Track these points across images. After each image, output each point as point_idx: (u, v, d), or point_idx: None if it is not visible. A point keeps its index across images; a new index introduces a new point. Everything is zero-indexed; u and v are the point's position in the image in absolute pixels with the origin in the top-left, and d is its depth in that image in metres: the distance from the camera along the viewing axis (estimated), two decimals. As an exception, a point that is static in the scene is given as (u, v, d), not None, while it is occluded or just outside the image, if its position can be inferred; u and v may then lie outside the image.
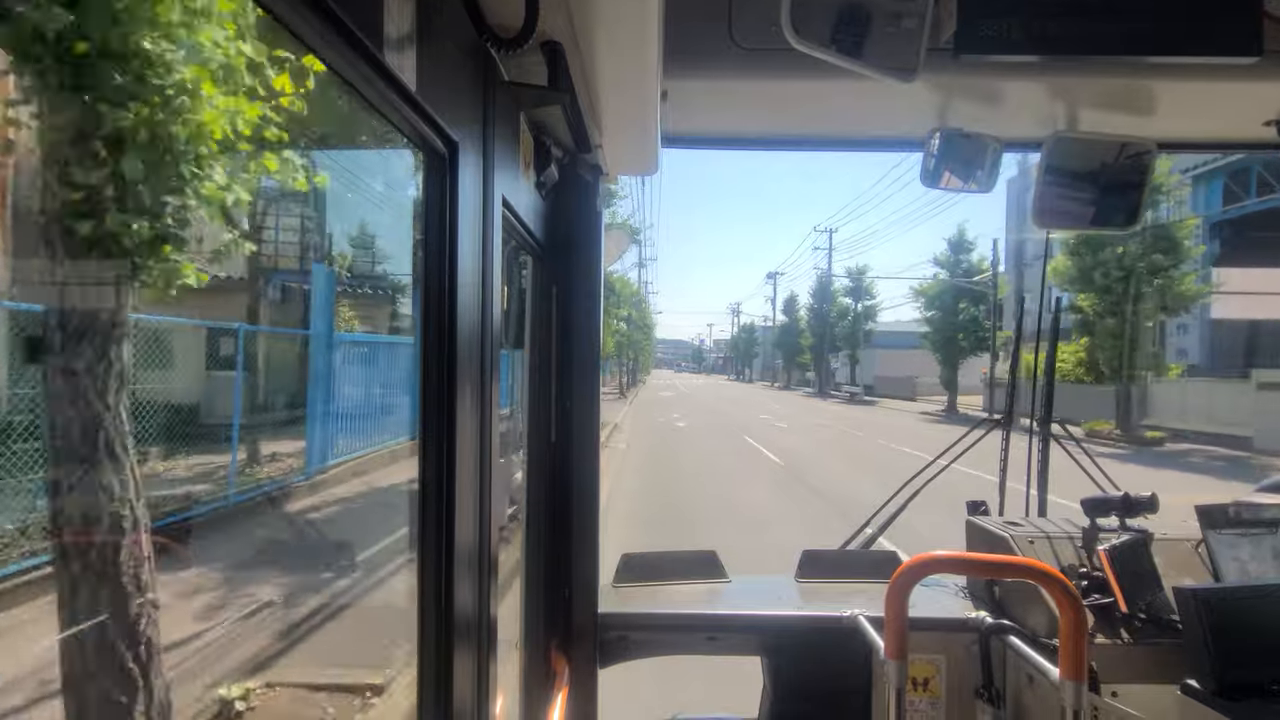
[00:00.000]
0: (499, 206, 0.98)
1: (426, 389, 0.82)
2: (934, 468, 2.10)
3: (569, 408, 1.60)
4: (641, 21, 0.90)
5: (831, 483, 11.35)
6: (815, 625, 1.68)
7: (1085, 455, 1.98)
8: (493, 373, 0.96)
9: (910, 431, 20.49)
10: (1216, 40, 1.04)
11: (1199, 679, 1.24)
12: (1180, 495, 2.54)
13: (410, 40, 0.67)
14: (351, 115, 4.55)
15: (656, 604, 1.81)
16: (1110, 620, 1.46)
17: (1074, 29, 1.05)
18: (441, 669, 0.83)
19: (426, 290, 0.82)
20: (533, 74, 1.03)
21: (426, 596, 0.82)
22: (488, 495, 0.95)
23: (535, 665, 1.54)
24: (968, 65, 1.12)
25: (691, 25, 1.21)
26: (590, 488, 1.63)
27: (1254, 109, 1.35)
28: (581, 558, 1.63)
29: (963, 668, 1.61)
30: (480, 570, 0.93)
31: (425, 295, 0.82)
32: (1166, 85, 1.25)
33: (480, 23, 0.85)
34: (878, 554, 2.00)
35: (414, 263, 11.14)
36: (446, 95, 0.77)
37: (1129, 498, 1.59)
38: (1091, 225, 1.50)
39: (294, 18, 0.50)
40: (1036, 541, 1.65)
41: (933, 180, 1.49)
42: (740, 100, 1.39)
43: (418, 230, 3.30)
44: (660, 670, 2.26)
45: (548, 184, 1.36)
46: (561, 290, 1.57)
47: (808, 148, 1.63)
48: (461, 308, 0.83)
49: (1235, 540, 1.51)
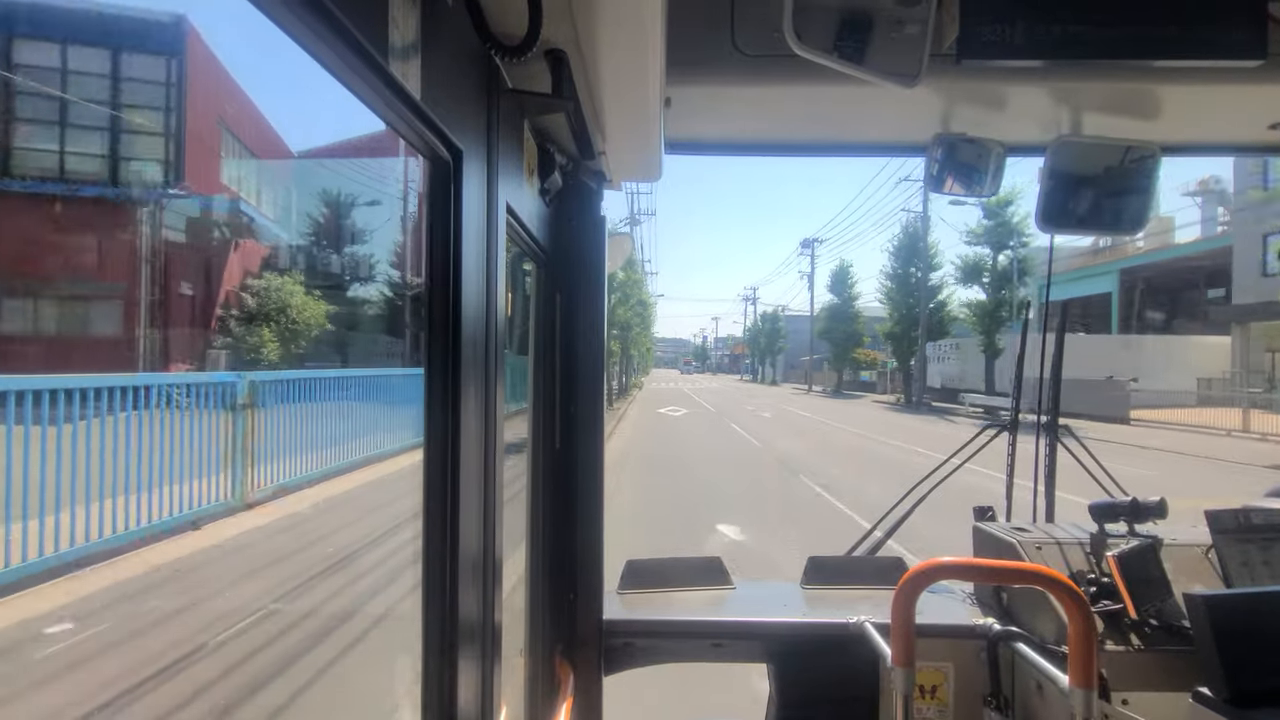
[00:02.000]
0: (503, 213, 0.98)
1: (431, 395, 0.82)
2: (940, 472, 2.09)
3: (573, 413, 1.60)
4: (644, 29, 0.90)
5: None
6: (822, 632, 1.67)
7: (1092, 459, 1.97)
8: (497, 379, 0.96)
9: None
10: (1220, 44, 1.03)
11: (1211, 686, 1.22)
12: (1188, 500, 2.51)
13: (415, 49, 0.67)
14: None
15: (661, 611, 1.80)
16: (1120, 627, 1.45)
17: (1077, 34, 1.05)
18: (445, 677, 0.82)
19: (431, 297, 0.82)
20: (536, 81, 1.03)
21: (431, 603, 0.82)
22: (492, 501, 0.95)
23: (540, 673, 1.53)
24: (970, 71, 1.12)
25: (694, 32, 1.21)
26: (595, 494, 1.62)
27: (1258, 112, 1.35)
28: (586, 564, 1.63)
29: (971, 675, 1.60)
30: (485, 577, 0.93)
31: (430, 301, 0.82)
32: (1170, 89, 1.25)
33: (484, 31, 0.86)
34: (884, 560, 1.99)
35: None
36: (451, 103, 0.77)
37: (1137, 503, 1.57)
38: (1097, 229, 1.49)
39: (299, 26, 0.50)
40: (1044, 547, 1.64)
41: (936, 185, 1.49)
42: (743, 107, 1.39)
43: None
44: (666, 678, 2.25)
45: (551, 191, 1.36)
46: (565, 297, 1.58)
47: (810, 153, 1.63)
48: (466, 314, 0.83)
49: (1245, 545, 1.50)
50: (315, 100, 16.00)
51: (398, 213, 15.57)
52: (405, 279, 14.69)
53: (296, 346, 11.21)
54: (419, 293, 13.42)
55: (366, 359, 13.72)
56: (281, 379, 7.82)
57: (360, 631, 4.53)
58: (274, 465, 6.81)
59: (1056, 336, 2.03)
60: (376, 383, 10.38)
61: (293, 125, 50.35)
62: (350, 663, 4.06)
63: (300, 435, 7.56)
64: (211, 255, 11.37)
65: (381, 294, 14.94)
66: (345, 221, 13.89)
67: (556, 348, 1.57)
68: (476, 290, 0.88)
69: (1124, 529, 1.60)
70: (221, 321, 11.35)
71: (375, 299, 14.88)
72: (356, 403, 9.28)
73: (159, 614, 4.17)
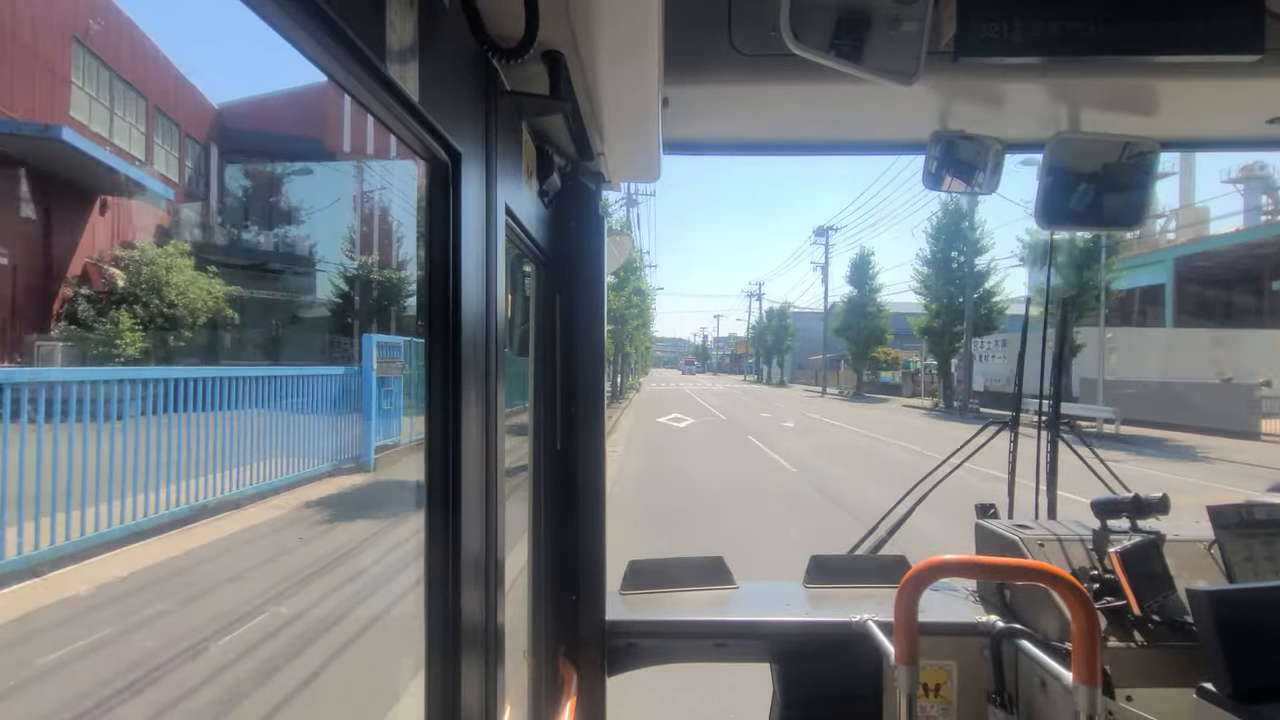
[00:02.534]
0: (502, 215, 0.98)
1: (432, 396, 0.82)
2: (941, 470, 2.09)
3: (574, 414, 1.61)
4: (642, 29, 0.90)
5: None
6: (825, 631, 1.67)
7: (1094, 456, 1.96)
8: (498, 381, 0.96)
9: None
10: (1218, 39, 1.03)
11: (1215, 682, 1.22)
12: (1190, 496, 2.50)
13: (412, 51, 0.67)
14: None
15: (664, 611, 1.80)
16: (1123, 623, 1.45)
17: (1074, 30, 1.05)
18: (450, 678, 0.82)
19: (431, 299, 0.82)
20: (534, 83, 1.03)
21: (434, 604, 0.82)
22: (494, 502, 0.95)
23: (543, 674, 1.54)
24: (968, 68, 1.12)
25: (692, 32, 1.21)
26: (596, 494, 1.62)
27: (1257, 107, 1.35)
28: (588, 564, 1.63)
29: (974, 673, 1.60)
30: (487, 578, 0.93)
31: (430, 304, 0.82)
32: (1169, 84, 1.25)
33: (481, 33, 0.86)
34: (886, 558, 1.98)
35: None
36: (449, 105, 0.77)
37: (1140, 499, 1.57)
38: (1097, 225, 1.49)
39: (296, 30, 0.50)
40: (1047, 544, 1.64)
41: (935, 183, 1.49)
42: (741, 106, 1.39)
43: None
44: (669, 678, 2.25)
45: (550, 192, 1.37)
46: (565, 298, 1.58)
47: (809, 152, 1.63)
48: (466, 316, 0.83)
49: (1248, 540, 1.50)
50: (247, 43, 9.27)
51: (350, 190, 13.04)
52: (360, 267, 12.48)
53: (177, 338, 8.88)
54: (381, 280, 11.79)
55: (300, 357, 10.92)
56: (95, 379, 5.23)
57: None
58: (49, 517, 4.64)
59: (1058, 333, 2.03)
60: (284, 385, 7.71)
61: (214, 72, 38.53)
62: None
63: (124, 462, 5.31)
64: (54, 214, 8.33)
65: (325, 283, 12.44)
66: (276, 197, 11.43)
67: (557, 349, 1.57)
68: (476, 292, 0.88)
69: (1126, 525, 1.60)
70: (70, 304, 8.65)
71: (311, 287, 12.36)
72: (244, 411, 6.89)
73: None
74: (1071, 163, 1.43)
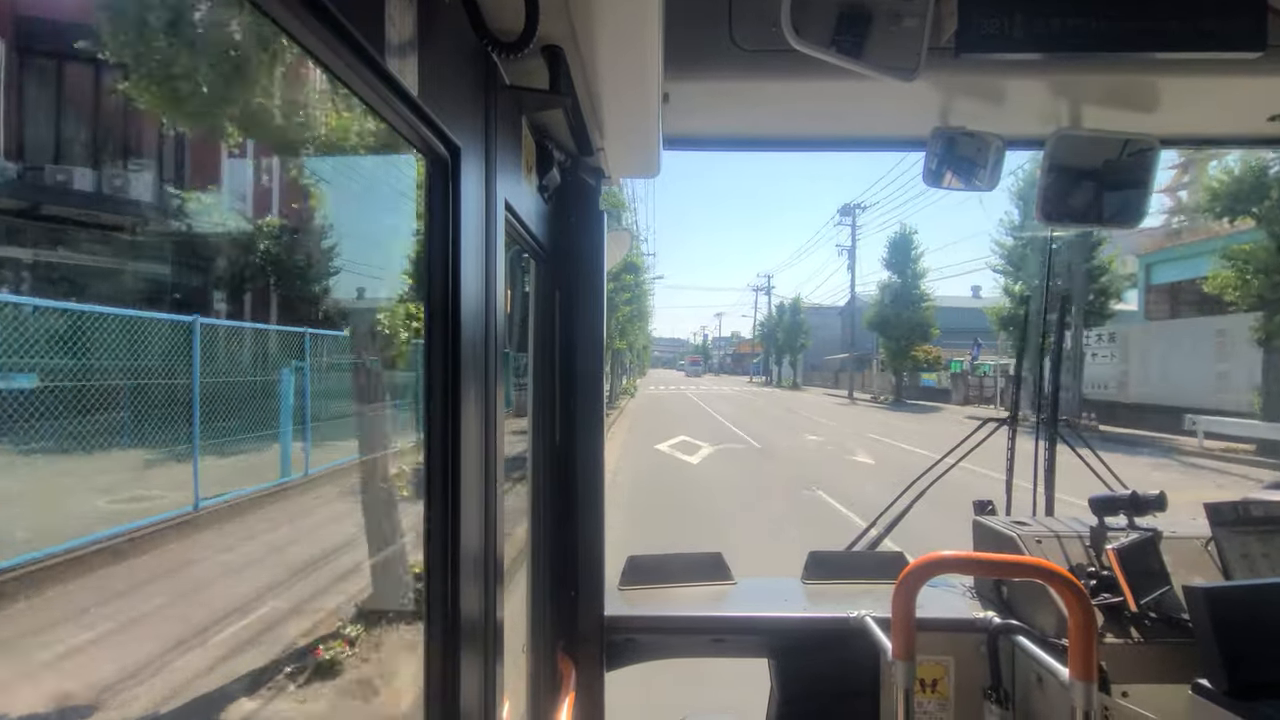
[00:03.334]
0: (501, 210, 0.98)
1: (431, 392, 0.82)
2: (939, 467, 2.09)
3: (573, 409, 1.61)
4: (642, 24, 0.90)
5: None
6: (822, 627, 1.67)
7: (1092, 453, 1.97)
8: (496, 376, 0.96)
9: None
10: (1220, 36, 1.03)
11: (1211, 678, 1.23)
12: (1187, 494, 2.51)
13: (411, 45, 0.67)
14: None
15: (662, 606, 1.80)
16: (1120, 619, 1.45)
17: (1076, 26, 1.05)
18: (449, 673, 0.83)
19: (430, 294, 0.82)
20: (534, 78, 1.03)
21: (433, 599, 0.82)
22: (493, 498, 0.95)
23: (542, 669, 1.54)
24: (969, 64, 1.12)
25: (692, 27, 1.21)
26: (595, 489, 1.63)
27: (1258, 104, 1.35)
28: (587, 560, 1.63)
29: (971, 669, 1.61)
30: (487, 573, 0.93)
31: (429, 299, 0.82)
32: (1169, 81, 1.25)
33: (481, 27, 0.86)
34: (884, 555, 1.99)
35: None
36: (448, 100, 0.77)
37: (1137, 496, 1.58)
38: (1098, 222, 1.49)
39: (295, 24, 0.50)
40: (1044, 541, 1.64)
41: (935, 180, 1.49)
42: (741, 102, 1.39)
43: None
44: (668, 673, 2.25)
45: (550, 187, 1.36)
46: (565, 293, 1.58)
47: (809, 148, 1.63)
48: (465, 311, 0.83)
49: (1245, 538, 1.50)
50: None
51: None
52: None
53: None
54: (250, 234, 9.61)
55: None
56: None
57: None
58: None
59: (1056, 330, 2.03)
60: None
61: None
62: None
63: None
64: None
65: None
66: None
67: (556, 344, 1.57)
68: (476, 288, 0.87)
69: (1124, 522, 1.60)
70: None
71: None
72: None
73: None
74: (1072, 159, 1.43)
